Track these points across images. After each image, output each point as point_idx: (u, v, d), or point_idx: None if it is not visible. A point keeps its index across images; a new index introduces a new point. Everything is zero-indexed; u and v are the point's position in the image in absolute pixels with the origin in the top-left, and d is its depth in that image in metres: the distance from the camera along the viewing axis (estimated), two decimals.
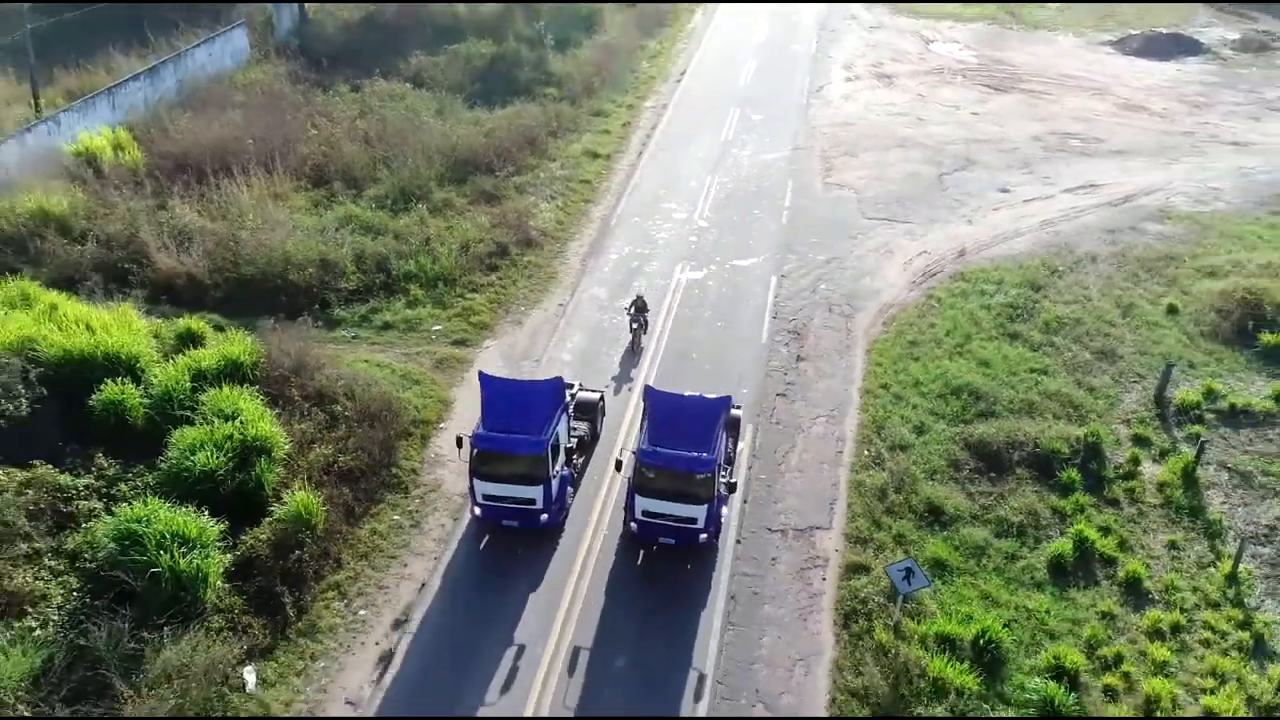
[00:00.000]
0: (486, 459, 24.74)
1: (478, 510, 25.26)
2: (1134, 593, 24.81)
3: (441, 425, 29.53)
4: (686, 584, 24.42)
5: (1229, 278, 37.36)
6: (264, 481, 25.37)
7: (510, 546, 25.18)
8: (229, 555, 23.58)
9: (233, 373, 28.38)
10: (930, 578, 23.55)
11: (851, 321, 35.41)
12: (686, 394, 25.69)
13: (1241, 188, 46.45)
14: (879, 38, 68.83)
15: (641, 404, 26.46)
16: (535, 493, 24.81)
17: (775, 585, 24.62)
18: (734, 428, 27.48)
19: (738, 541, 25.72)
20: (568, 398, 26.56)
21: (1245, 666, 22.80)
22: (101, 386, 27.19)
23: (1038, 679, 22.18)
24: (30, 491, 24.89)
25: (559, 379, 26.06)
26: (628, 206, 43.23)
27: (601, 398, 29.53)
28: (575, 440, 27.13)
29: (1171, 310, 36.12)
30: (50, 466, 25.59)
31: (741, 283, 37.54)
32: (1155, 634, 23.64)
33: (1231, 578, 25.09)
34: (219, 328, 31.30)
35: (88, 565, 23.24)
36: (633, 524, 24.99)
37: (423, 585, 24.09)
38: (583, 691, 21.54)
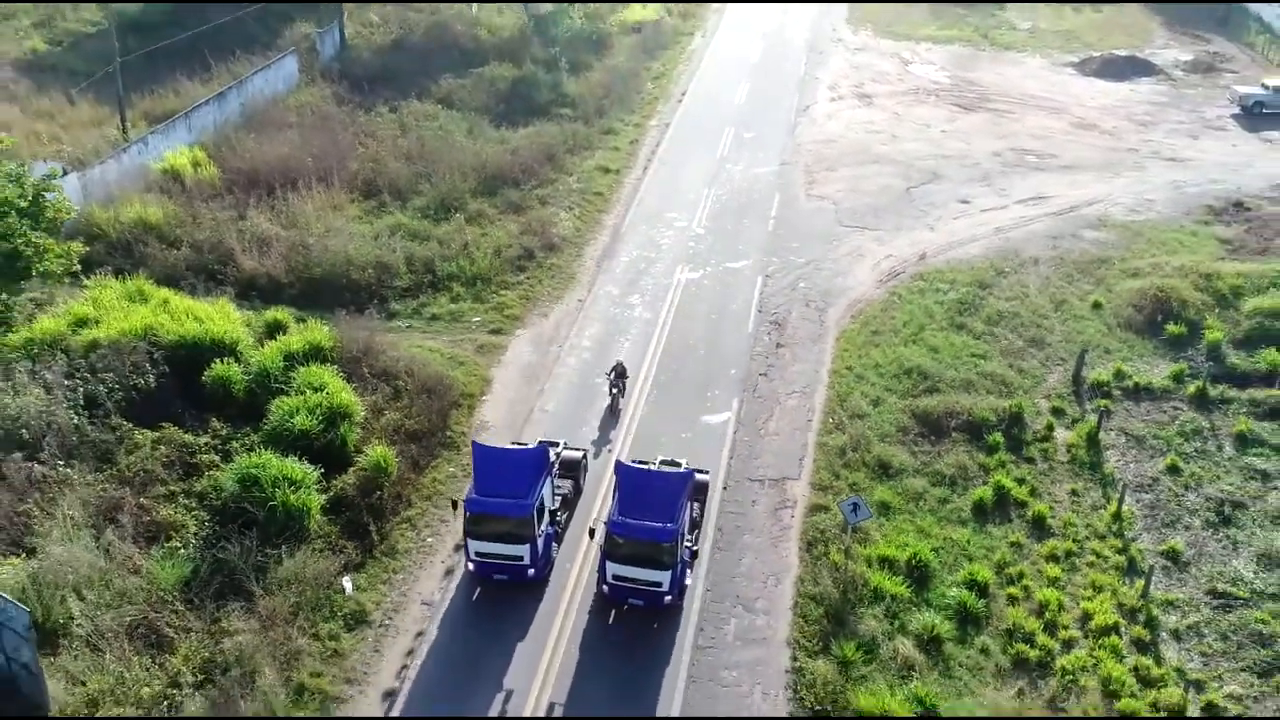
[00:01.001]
0: (478, 520, 27.03)
1: (471, 565, 27.70)
2: (1038, 528, 30.90)
3: (484, 398, 35.70)
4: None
5: (1148, 278, 43.35)
6: (347, 439, 31.58)
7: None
8: (324, 495, 29.74)
9: (315, 354, 34.55)
10: (872, 511, 29.65)
11: (824, 315, 41.49)
12: (653, 469, 28.37)
13: (1172, 199, 52.44)
14: (862, 59, 74.88)
15: (613, 475, 28.58)
16: (522, 550, 27.12)
17: (754, 521, 30.74)
18: (701, 492, 29.88)
19: (724, 488, 31.85)
20: (552, 456, 29.02)
21: (1118, 581, 28.88)
22: (211, 365, 33.43)
23: (956, 589, 28.26)
24: (162, 447, 31.08)
25: (544, 447, 28.53)
26: (635, 216, 49.36)
27: (584, 456, 31.82)
28: (560, 498, 29.65)
29: (1096, 305, 42.16)
30: (175, 428, 31.77)
31: (732, 282, 43.64)
32: (1051, 558, 29.72)
33: (1116, 516, 31.17)
34: (299, 319, 37.35)
35: (214, 503, 29.35)
36: (604, 586, 27.00)
37: None
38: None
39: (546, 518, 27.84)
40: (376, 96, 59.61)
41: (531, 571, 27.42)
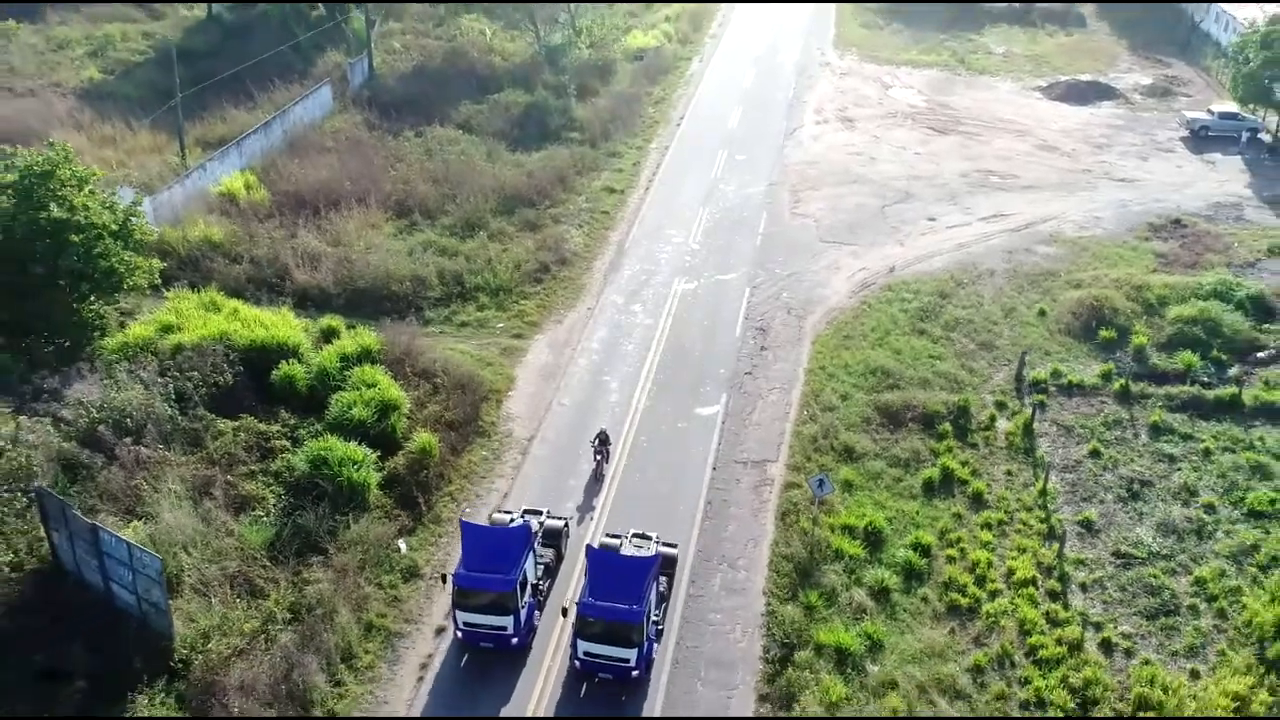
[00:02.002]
0: (465, 594, 28.82)
1: (459, 634, 29.43)
2: (976, 502, 36.48)
3: (510, 393, 41.35)
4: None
5: (1088, 289, 48.90)
6: (396, 428, 37.22)
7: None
8: (380, 473, 35.35)
9: (365, 356, 40.14)
10: (835, 486, 35.32)
11: (803, 321, 47.12)
12: (622, 553, 30.24)
13: (1118, 217, 58.06)
14: (847, 84, 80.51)
15: (587, 555, 30.06)
16: (507, 621, 28.93)
17: (738, 496, 36.35)
18: (670, 565, 31.55)
19: (713, 469, 37.47)
20: (535, 525, 31.51)
21: (1039, 544, 34.45)
22: (278, 365, 39.06)
23: (904, 551, 33.83)
24: (241, 434, 36.68)
25: (526, 526, 30.48)
26: (638, 233, 55.00)
27: (566, 525, 33.48)
28: (542, 566, 31.47)
29: (1041, 313, 47.76)
30: (251, 418, 37.35)
31: (723, 292, 49.27)
32: (985, 526, 35.30)
33: (1042, 492, 36.78)
34: (349, 325, 42.92)
35: (288, 479, 34.90)
36: (577, 661, 28.60)
37: (505, 495, 35.92)
38: None
39: (529, 590, 29.72)
40: (403, 122, 65.32)
41: (515, 640, 29.26)
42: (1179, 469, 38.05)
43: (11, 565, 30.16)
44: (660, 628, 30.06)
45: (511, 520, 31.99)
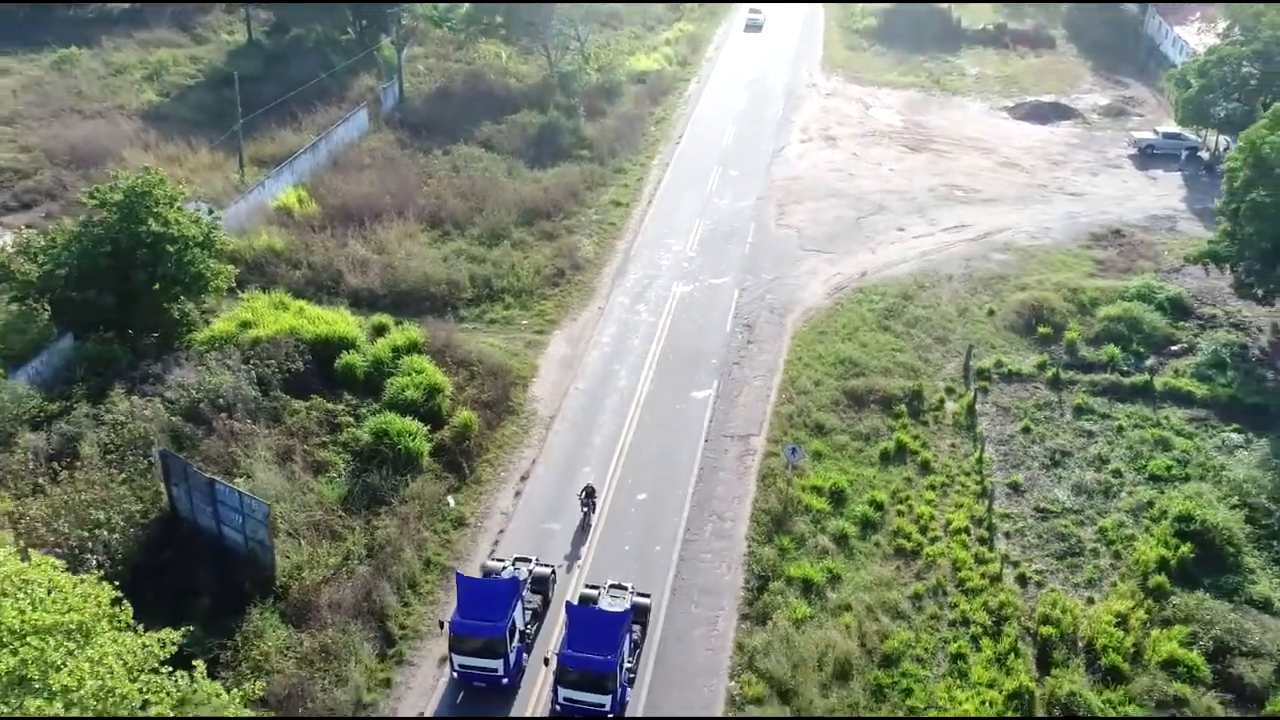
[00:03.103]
0: (460, 640, 31.59)
1: (455, 674, 32.22)
2: (924, 469, 43.39)
3: (534, 380, 48.28)
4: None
5: (1031, 291, 55.85)
6: (441, 407, 44.15)
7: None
8: (430, 443, 42.28)
9: (412, 347, 47.07)
10: (805, 454, 42.30)
11: (784, 319, 54.07)
12: (599, 606, 32.83)
13: (1066, 227, 65.00)
14: (831, 104, 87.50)
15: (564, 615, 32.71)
16: (497, 664, 31.68)
17: (726, 463, 43.30)
18: (644, 615, 34.15)
19: (706, 441, 44.40)
20: (524, 573, 34.65)
21: (973, 502, 41.35)
22: (340, 355, 46.02)
23: (861, 506, 40.73)
24: (313, 412, 43.63)
25: (515, 580, 33.39)
26: (641, 242, 61.97)
27: (553, 572, 36.06)
28: (530, 611, 34.16)
29: (990, 312, 54.67)
30: (320, 399, 44.31)
31: (715, 294, 56.23)
32: (930, 487, 42.20)
33: (979, 461, 43.72)
34: (396, 322, 49.79)
35: (354, 448, 41.85)
36: (557, 706, 31.33)
37: (534, 461, 42.89)
38: None
39: (518, 636, 32.46)
40: (431, 141, 72.31)
41: (505, 680, 32.06)
42: (1095, 442, 44.98)
43: (140, 513, 37.03)
44: (633, 676, 32.72)
45: (503, 568, 35.22)
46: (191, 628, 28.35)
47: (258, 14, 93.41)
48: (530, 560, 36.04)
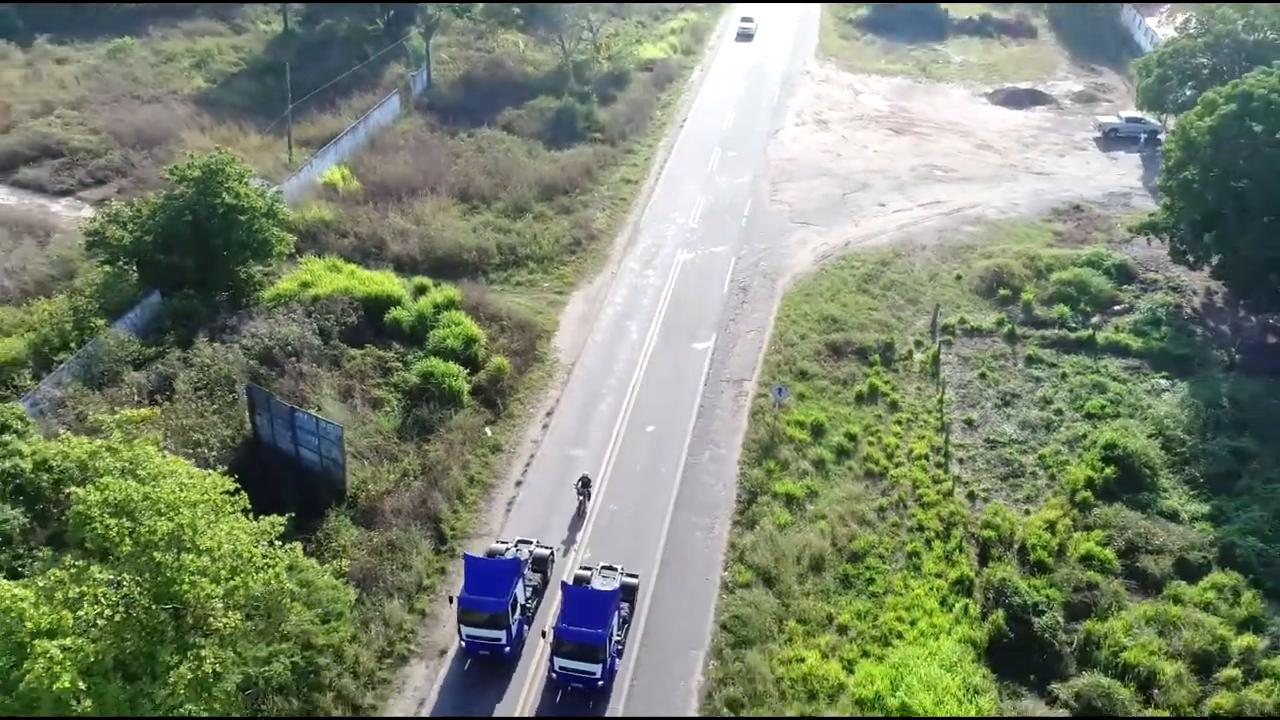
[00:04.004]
0: (467, 613, 34.43)
1: (463, 644, 35.13)
2: (893, 408, 49.92)
3: (556, 333, 54.77)
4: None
5: (995, 259, 62.21)
6: (477, 354, 50.70)
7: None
8: (469, 384, 48.87)
9: (450, 305, 53.59)
10: (790, 394, 48.86)
11: (775, 283, 60.49)
12: (591, 585, 35.68)
13: (1032, 203, 71.27)
14: (823, 90, 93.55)
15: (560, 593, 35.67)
16: (500, 635, 34.59)
17: (722, 403, 49.84)
18: (631, 594, 37.17)
19: (705, 384, 50.94)
20: (525, 554, 37.79)
21: (933, 434, 47.89)
22: (388, 311, 52.54)
23: (838, 437, 47.28)
24: (368, 358, 50.23)
25: (517, 560, 35.96)
26: (648, 216, 68.36)
27: (552, 553, 39.35)
28: (531, 588, 37.29)
29: (958, 278, 61.06)
30: (373, 347, 50.88)
31: (715, 261, 62.65)
32: (897, 423, 48.76)
33: (940, 401, 50.25)
34: (435, 283, 56.26)
35: (404, 388, 48.44)
36: (554, 674, 34.32)
37: (558, 400, 49.49)
38: None
39: (519, 610, 35.50)
40: (457, 124, 78.53)
41: (507, 649, 35.02)
42: (1041, 386, 51.50)
43: (230, 438, 43.65)
44: (622, 647, 35.76)
45: (506, 550, 38.37)
46: (292, 514, 34.90)
47: (291, 4, 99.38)
48: (531, 542, 39.33)
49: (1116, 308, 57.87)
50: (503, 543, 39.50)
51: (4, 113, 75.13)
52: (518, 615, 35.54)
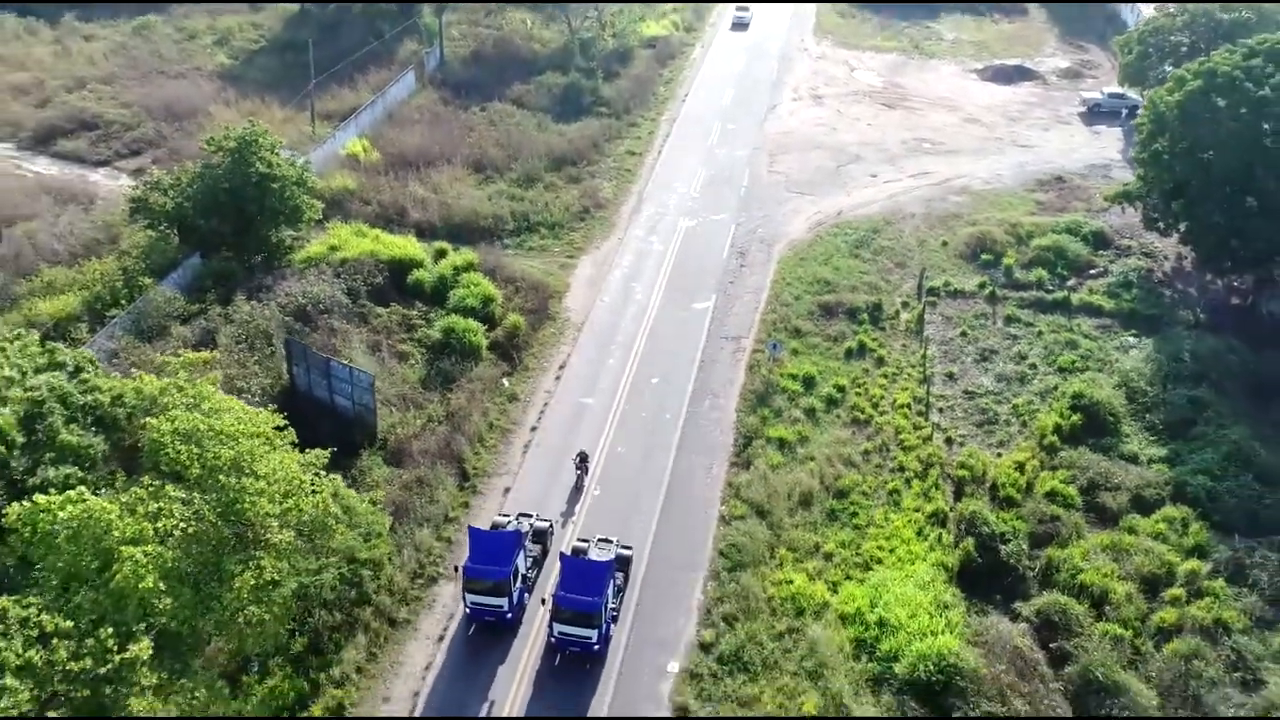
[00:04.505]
0: (471, 582, 36.13)
1: (467, 610, 36.79)
2: (880, 362, 53.47)
3: (567, 294, 58.25)
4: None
5: (979, 226, 65.59)
6: (494, 312, 54.27)
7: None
8: (487, 339, 52.46)
9: (468, 267, 57.06)
10: (784, 348, 52.41)
11: (772, 248, 63.90)
12: (586, 558, 37.03)
13: (1016, 175, 74.51)
14: (820, 66, 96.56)
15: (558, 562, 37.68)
16: (503, 602, 36.31)
17: (721, 357, 53.37)
18: (626, 565, 38.92)
19: (705, 341, 54.47)
20: (526, 527, 39.54)
21: (916, 385, 51.50)
22: (411, 272, 56.03)
23: (828, 389, 50.90)
24: (393, 316, 53.74)
25: (518, 532, 37.66)
26: (652, 186, 71.69)
27: (551, 525, 41.06)
28: (531, 559, 39.07)
29: (944, 243, 64.43)
30: (397, 306, 54.42)
31: (715, 228, 66.04)
32: (883, 376, 52.32)
33: (923, 357, 53.79)
34: (454, 248, 59.74)
35: (427, 343, 51.96)
36: (553, 639, 36.03)
37: (569, 354, 53.07)
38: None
39: (520, 579, 37.30)
40: (470, 99, 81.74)
41: (509, 615, 36.87)
42: (1018, 343, 55.00)
43: (270, 385, 47.21)
44: (617, 614, 37.44)
45: (509, 523, 39.79)
46: (333, 449, 38.47)
47: None
48: (532, 515, 41.02)
49: (1092, 271, 61.27)
50: (504, 516, 41.05)
51: (39, 87, 78.36)
52: (519, 584, 37.31)
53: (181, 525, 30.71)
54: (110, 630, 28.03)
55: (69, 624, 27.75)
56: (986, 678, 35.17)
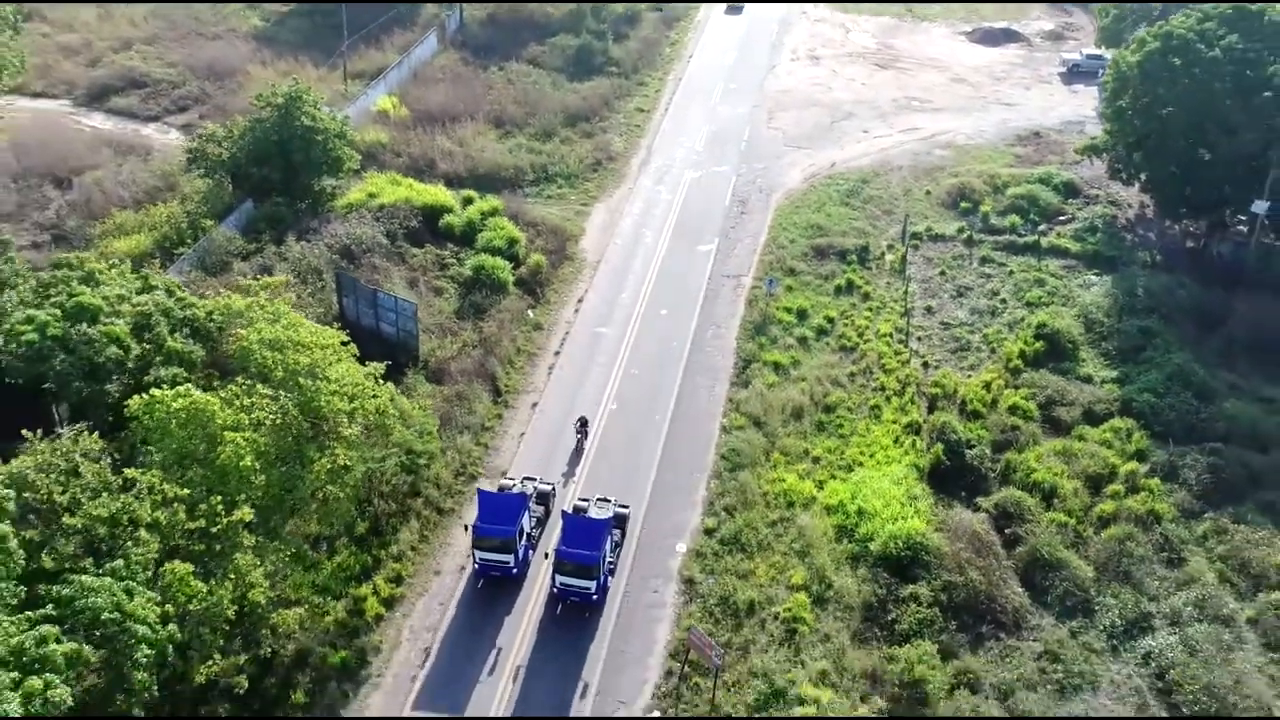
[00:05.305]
0: (480, 540, 38.66)
1: (476, 566, 39.32)
2: (866, 298, 58.82)
3: (583, 238, 63.57)
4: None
5: (960, 178, 70.68)
6: (519, 252, 59.63)
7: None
8: (514, 275, 57.85)
9: (493, 213, 62.30)
10: (779, 284, 57.83)
11: (770, 197, 69.07)
12: (586, 517, 39.28)
13: (998, 130, 79.41)
14: (817, 29, 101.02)
15: (569, 501, 42.38)
16: (509, 559, 38.85)
17: (723, 294, 58.73)
18: (623, 522, 41.43)
19: (708, 279, 59.82)
20: (531, 490, 41.62)
21: (898, 317, 56.91)
22: (442, 217, 61.32)
23: (818, 320, 56.32)
24: (428, 255, 59.06)
25: (523, 495, 40.09)
26: (660, 140, 76.72)
27: (553, 488, 43.43)
28: (535, 519, 41.43)
29: (928, 193, 69.55)
30: (431, 247, 59.70)
31: (717, 179, 71.16)
32: (869, 309, 57.68)
33: (905, 293, 59.16)
34: (480, 196, 64.91)
35: (459, 279, 57.34)
36: (554, 589, 38.63)
37: (586, 290, 58.49)
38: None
39: (525, 538, 39.76)
40: (489, 59, 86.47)
41: (515, 570, 39.43)
42: (991, 281, 60.35)
43: (322, 314, 52.63)
44: (614, 567, 40.16)
45: (514, 486, 42.24)
46: (389, 362, 43.93)
47: None
48: (536, 479, 43.33)
49: (1061, 218, 66.47)
50: (510, 479, 43.64)
51: (88, 48, 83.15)
52: (524, 542, 39.76)
53: (270, 417, 36.28)
54: (218, 499, 33.67)
55: (185, 492, 33.39)
56: (948, 554, 40.87)
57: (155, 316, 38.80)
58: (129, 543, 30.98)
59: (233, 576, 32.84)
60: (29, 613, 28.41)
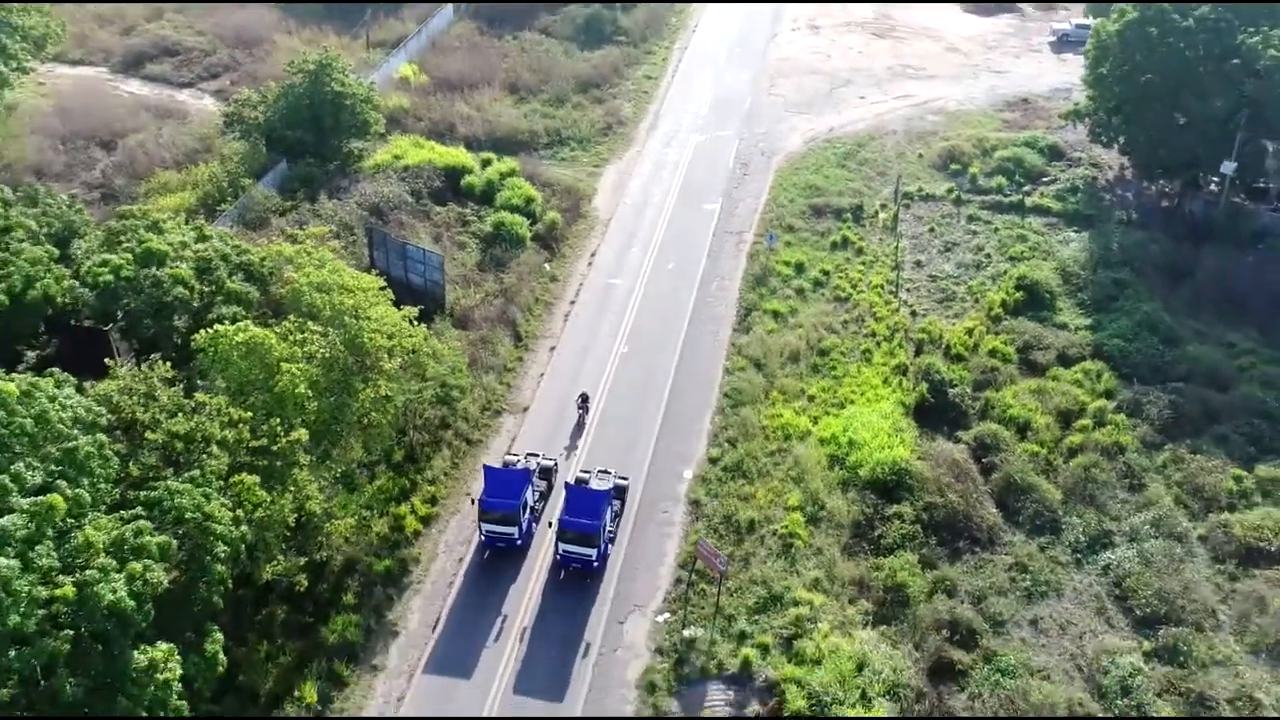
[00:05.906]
0: (486, 513, 40.64)
1: (482, 538, 41.34)
2: (859, 253, 62.39)
3: (595, 197, 67.11)
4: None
5: (951, 142, 74.03)
6: (535, 210, 63.21)
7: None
8: (531, 231, 61.48)
9: (511, 174, 65.83)
10: (779, 239, 61.43)
11: (771, 160, 72.49)
12: (588, 488, 40.94)
13: (987, 97, 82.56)
14: None
15: (574, 470, 44.30)
16: (513, 530, 40.76)
17: (725, 249, 62.34)
18: (622, 493, 43.27)
19: (713, 235, 63.42)
20: (534, 466, 43.30)
21: (889, 271, 60.54)
22: (463, 177, 64.87)
23: (815, 272, 59.98)
24: (450, 213, 62.67)
25: (526, 470, 41.84)
26: (667, 106, 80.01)
27: (556, 463, 45.33)
28: (538, 493, 43.06)
29: (919, 156, 72.89)
30: (454, 205, 63.32)
31: (721, 143, 74.53)
32: (862, 263, 61.27)
33: (896, 248, 62.76)
34: (498, 158, 68.38)
35: (480, 235, 60.98)
36: (557, 556, 40.62)
37: (599, 245, 62.12)
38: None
39: (529, 511, 41.65)
40: (502, 29, 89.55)
41: (519, 541, 41.43)
42: (977, 237, 63.90)
43: (355, 267, 56.23)
44: (614, 536, 42.06)
45: (518, 462, 43.49)
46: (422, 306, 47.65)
47: None
48: (539, 455, 45.15)
49: (1045, 179, 69.89)
50: (514, 455, 44.79)
51: (121, 16, 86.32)
52: (527, 515, 41.68)
53: (320, 351, 40.06)
54: (277, 421, 37.53)
55: (248, 415, 37.25)
56: (930, 479, 44.79)
57: (215, 261, 42.56)
58: (203, 455, 34.84)
59: (292, 489, 36.74)
60: (122, 512, 32.35)
